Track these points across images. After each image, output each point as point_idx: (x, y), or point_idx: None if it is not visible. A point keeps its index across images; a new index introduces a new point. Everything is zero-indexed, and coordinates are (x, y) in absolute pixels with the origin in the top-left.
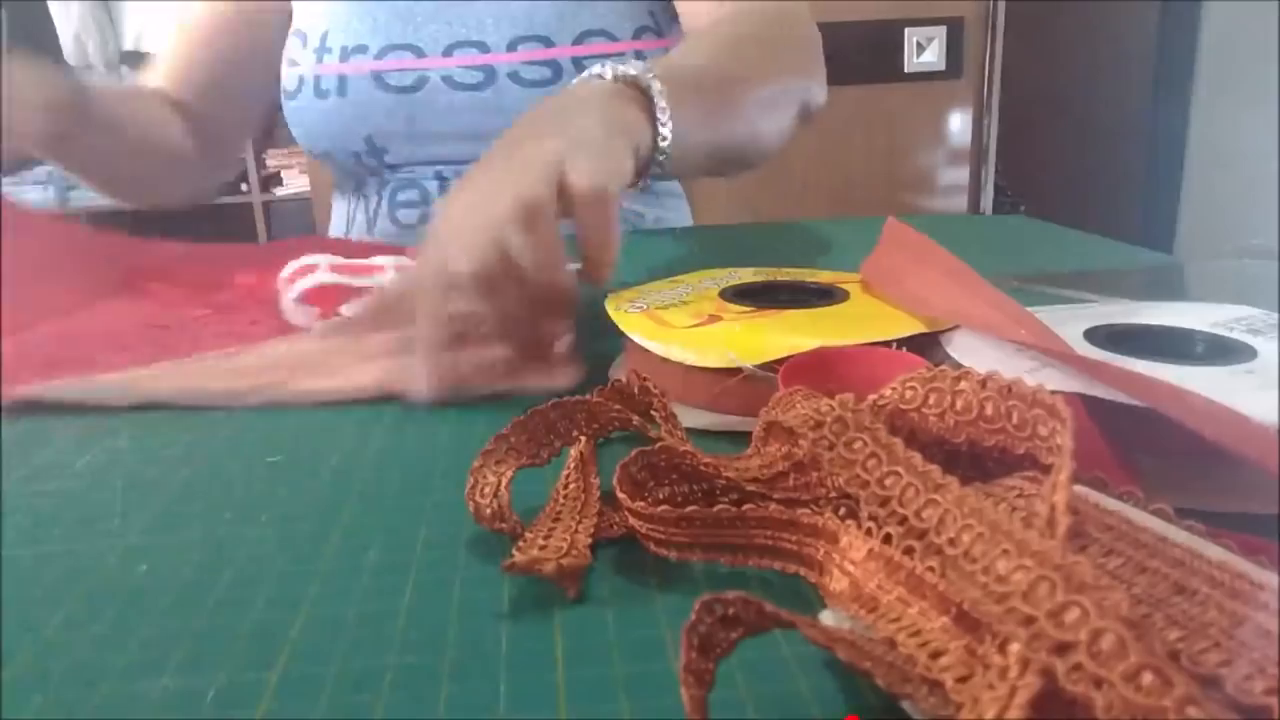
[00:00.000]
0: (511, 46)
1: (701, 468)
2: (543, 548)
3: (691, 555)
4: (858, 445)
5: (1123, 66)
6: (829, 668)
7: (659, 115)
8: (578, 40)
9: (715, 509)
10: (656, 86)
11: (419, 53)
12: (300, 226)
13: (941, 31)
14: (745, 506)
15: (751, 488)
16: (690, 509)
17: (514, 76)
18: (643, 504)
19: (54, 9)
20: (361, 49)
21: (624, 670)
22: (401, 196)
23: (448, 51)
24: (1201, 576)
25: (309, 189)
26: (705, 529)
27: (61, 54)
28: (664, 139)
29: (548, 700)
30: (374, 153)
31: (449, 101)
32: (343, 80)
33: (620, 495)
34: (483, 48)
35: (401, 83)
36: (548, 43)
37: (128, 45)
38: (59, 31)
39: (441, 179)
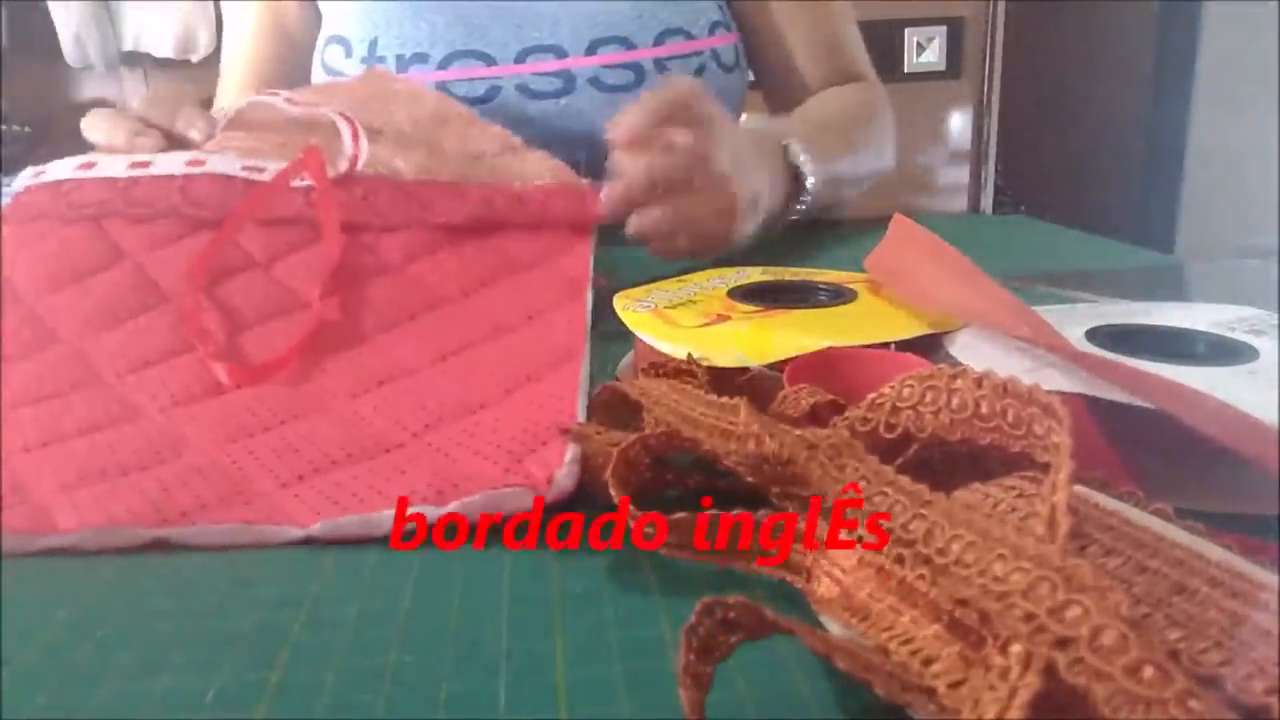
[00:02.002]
0: (590, 49)
1: (701, 452)
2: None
3: (681, 554)
4: (849, 469)
5: (1123, 66)
6: (829, 669)
7: (803, 195)
8: (658, 40)
9: (705, 515)
10: (810, 182)
11: (489, 60)
12: None
13: (941, 31)
14: (736, 511)
15: (745, 471)
16: (679, 515)
17: (595, 82)
18: (634, 506)
19: (54, 9)
20: (422, 58)
21: (624, 670)
22: None
23: (520, 58)
24: (1201, 576)
25: None
26: (694, 534)
27: (61, 54)
28: (801, 205)
29: (548, 700)
30: None
31: (523, 111)
32: None
33: (612, 490)
34: (559, 52)
35: (471, 94)
36: (628, 44)
37: (128, 45)
38: (59, 31)
39: None
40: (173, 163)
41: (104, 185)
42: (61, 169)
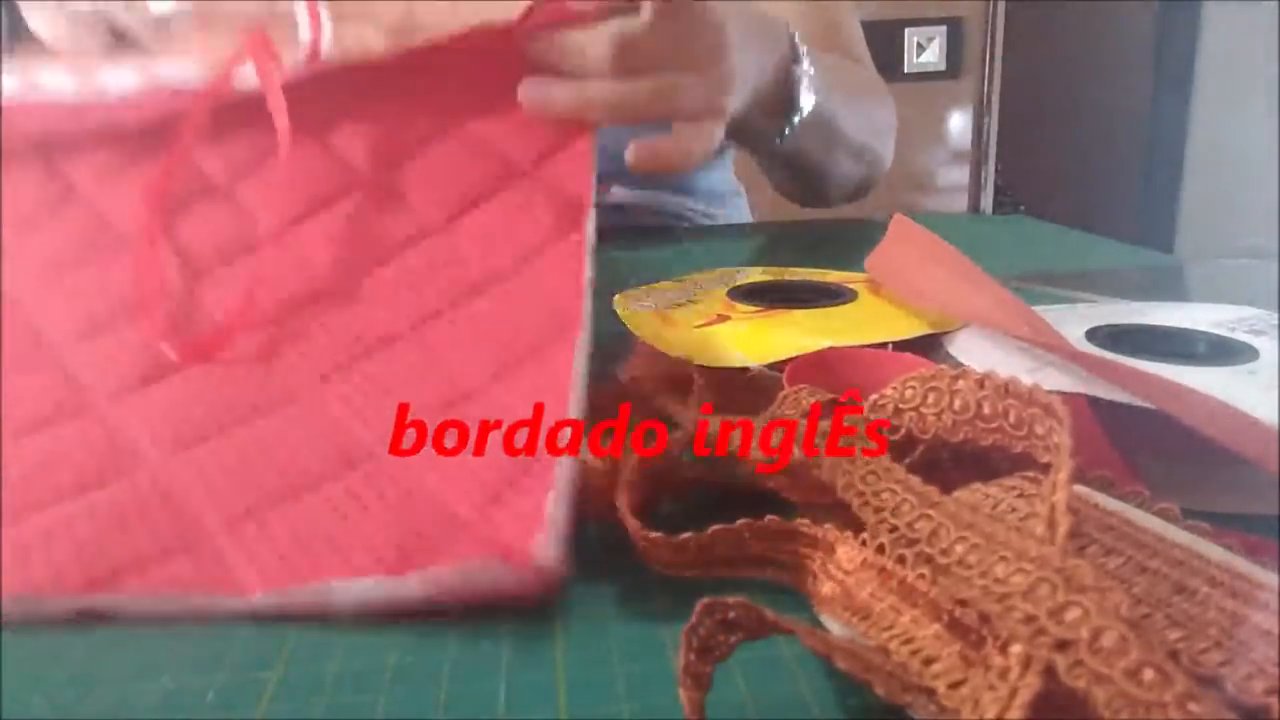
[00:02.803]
0: None
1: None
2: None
3: (687, 572)
4: (860, 462)
5: (1123, 66)
6: (829, 669)
7: (797, 111)
8: None
9: (711, 530)
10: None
11: None
12: None
13: (941, 31)
14: (740, 521)
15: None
16: (686, 535)
17: None
18: (640, 524)
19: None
20: None
21: (624, 670)
22: None
23: None
24: (1202, 576)
25: None
26: (701, 551)
27: None
28: (794, 123)
29: (548, 700)
30: None
31: None
32: None
33: (622, 511)
34: None
35: None
36: None
37: None
38: None
39: None
40: (124, 77)
41: (53, 111)
42: (6, 85)
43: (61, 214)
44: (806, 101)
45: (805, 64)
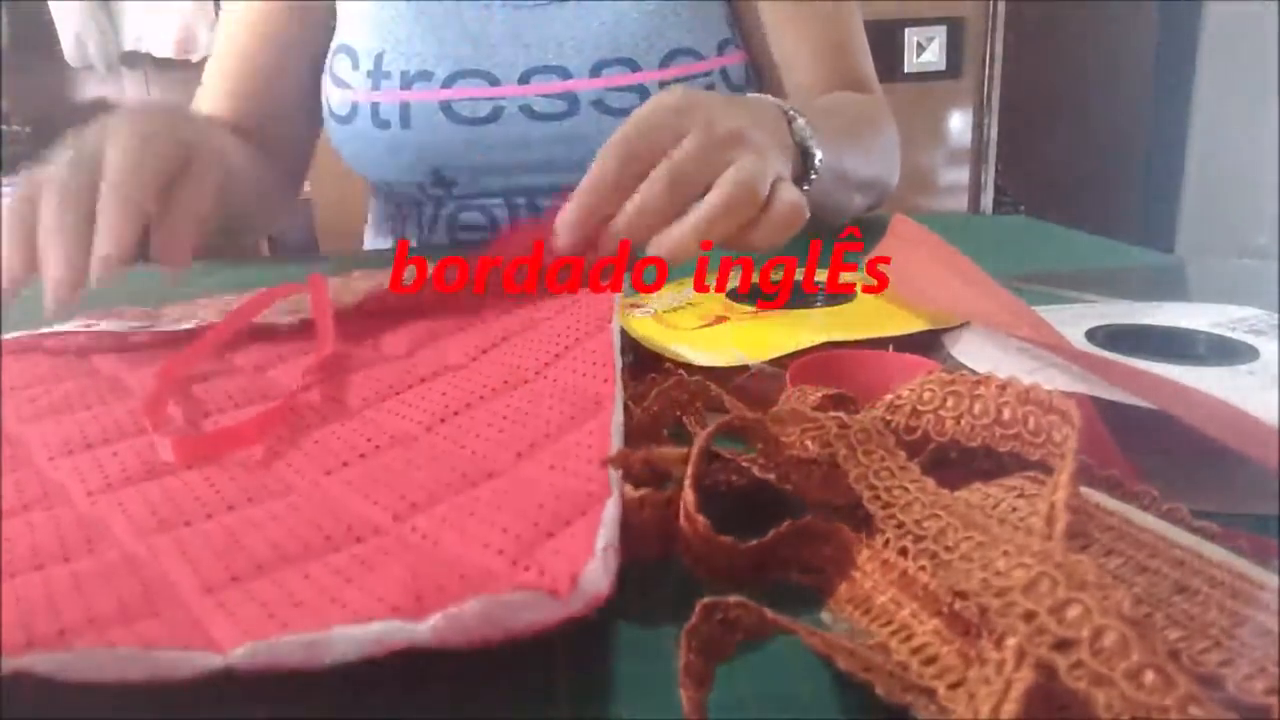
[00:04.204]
0: (595, 71)
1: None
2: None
3: (729, 581)
4: (877, 455)
5: (1123, 66)
6: (830, 668)
7: (810, 174)
8: (664, 61)
9: (771, 534)
10: (819, 158)
11: (493, 80)
12: (301, 228)
13: (941, 31)
14: (785, 524)
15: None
16: (750, 544)
17: (598, 104)
18: (709, 524)
19: (54, 9)
20: (426, 75)
21: (624, 670)
22: (465, 218)
23: (524, 78)
24: (1202, 576)
25: (309, 189)
26: (758, 555)
27: (61, 54)
28: (805, 188)
29: (548, 700)
30: (441, 184)
31: (526, 132)
32: (405, 109)
33: (688, 509)
34: (563, 73)
35: (474, 114)
36: (634, 65)
37: (128, 45)
38: (59, 31)
39: (512, 206)
40: (178, 321)
41: (100, 335)
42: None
43: (75, 379)
44: (818, 151)
45: (801, 121)
